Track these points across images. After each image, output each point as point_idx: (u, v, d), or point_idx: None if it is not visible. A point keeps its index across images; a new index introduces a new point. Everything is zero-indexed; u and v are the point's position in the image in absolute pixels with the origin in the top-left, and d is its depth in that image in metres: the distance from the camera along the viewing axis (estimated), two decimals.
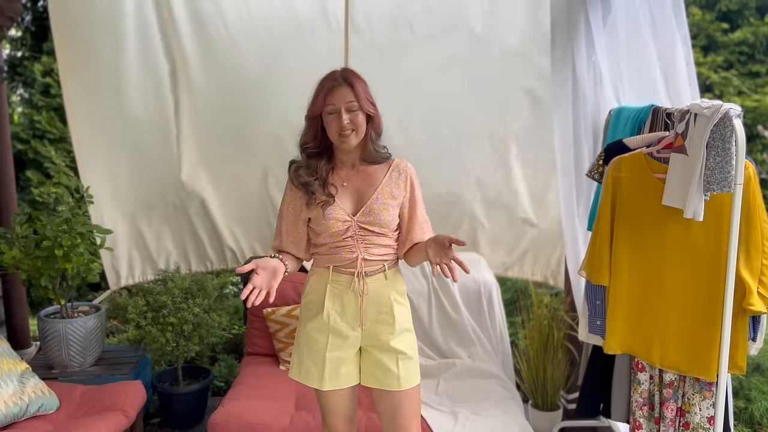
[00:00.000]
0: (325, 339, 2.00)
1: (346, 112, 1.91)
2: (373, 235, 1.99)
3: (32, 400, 2.48)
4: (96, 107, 3.38)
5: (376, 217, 1.97)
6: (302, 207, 2.01)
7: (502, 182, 3.57)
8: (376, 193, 1.99)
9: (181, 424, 3.26)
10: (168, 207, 3.61)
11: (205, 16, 3.27)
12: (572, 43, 2.67)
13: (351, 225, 1.97)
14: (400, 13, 3.29)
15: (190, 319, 3.06)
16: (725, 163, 1.77)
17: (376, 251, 2.00)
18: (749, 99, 6.87)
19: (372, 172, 2.03)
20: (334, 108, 1.92)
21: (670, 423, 2.05)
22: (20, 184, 5.50)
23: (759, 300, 1.90)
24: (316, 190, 1.98)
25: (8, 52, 6.09)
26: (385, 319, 2.00)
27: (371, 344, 2.02)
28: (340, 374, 2.02)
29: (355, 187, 2.01)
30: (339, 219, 1.96)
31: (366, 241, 1.98)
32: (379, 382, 2.02)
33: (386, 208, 1.99)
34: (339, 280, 2.00)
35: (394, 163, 2.05)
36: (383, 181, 2.01)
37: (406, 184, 2.03)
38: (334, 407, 2.08)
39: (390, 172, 2.03)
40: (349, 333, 2.00)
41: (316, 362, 2.01)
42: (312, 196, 1.98)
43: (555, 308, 3.19)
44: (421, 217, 2.07)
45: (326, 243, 2.00)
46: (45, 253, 2.80)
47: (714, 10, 7.80)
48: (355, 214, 1.98)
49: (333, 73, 1.98)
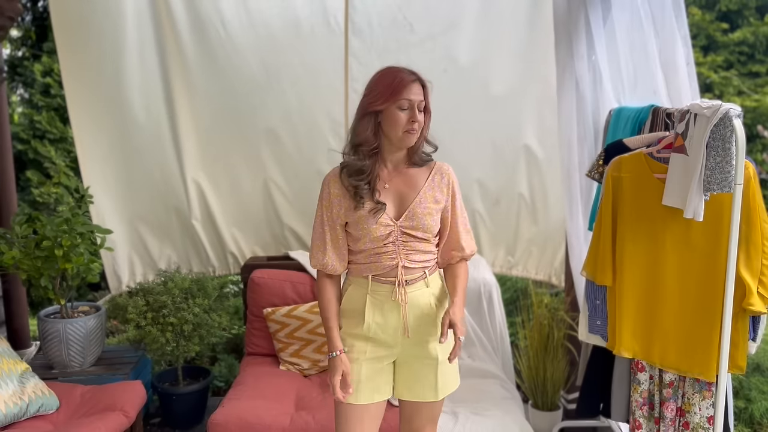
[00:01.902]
0: (364, 348, 1.92)
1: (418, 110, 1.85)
2: (415, 240, 1.91)
3: (32, 400, 2.47)
4: (97, 108, 3.38)
5: (419, 222, 1.89)
6: (341, 212, 1.91)
7: (504, 181, 3.57)
8: (419, 196, 1.91)
9: (181, 424, 3.26)
10: (169, 211, 3.60)
11: (205, 16, 3.26)
12: (572, 43, 2.67)
13: (393, 230, 1.89)
14: (400, 13, 3.29)
15: (190, 319, 3.06)
16: (725, 163, 1.77)
17: (417, 258, 1.92)
18: (749, 99, 6.86)
19: (414, 175, 1.94)
20: (410, 103, 1.84)
21: (670, 423, 2.05)
22: (20, 184, 5.49)
23: (759, 300, 1.90)
24: (365, 195, 1.87)
25: (8, 52, 6.08)
26: (427, 329, 1.93)
27: (412, 354, 1.94)
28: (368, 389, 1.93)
29: (396, 190, 1.92)
30: (382, 223, 1.87)
31: (407, 247, 1.90)
32: (415, 394, 1.96)
33: (429, 213, 1.91)
34: (379, 290, 1.91)
35: (436, 166, 1.97)
36: (426, 185, 1.93)
37: (448, 188, 1.96)
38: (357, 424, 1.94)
39: (432, 176, 1.95)
40: (390, 345, 1.93)
41: (352, 373, 1.91)
42: (360, 200, 1.87)
43: (555, 308, 3.19)
44: (462, 226, 1.99)
45: (365, 249, 1.90)
46: (45, 253, 2.80)
47: (714, 10, 7.80)
48: (397, 219, 1.90)
49: (401, 68, 1.88)
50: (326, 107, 3.47)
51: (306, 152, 3.54)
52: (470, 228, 2.04)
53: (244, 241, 3.72)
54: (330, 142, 3.49)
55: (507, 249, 3.73)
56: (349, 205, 1.89)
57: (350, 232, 1.93)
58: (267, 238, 3.72)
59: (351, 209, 1.89)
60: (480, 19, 3.29)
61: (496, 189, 3.60)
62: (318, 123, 3.50)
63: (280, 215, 3.65)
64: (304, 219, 3.63)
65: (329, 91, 3.44)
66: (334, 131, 3.49)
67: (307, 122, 3.48)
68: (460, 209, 1.99)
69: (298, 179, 3.57)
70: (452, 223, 1.98)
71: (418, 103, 1.85)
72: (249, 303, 3.18)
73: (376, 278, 1.92)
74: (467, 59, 3.36)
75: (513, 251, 3.72)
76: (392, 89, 1.83)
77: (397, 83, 1.83)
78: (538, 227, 3.62)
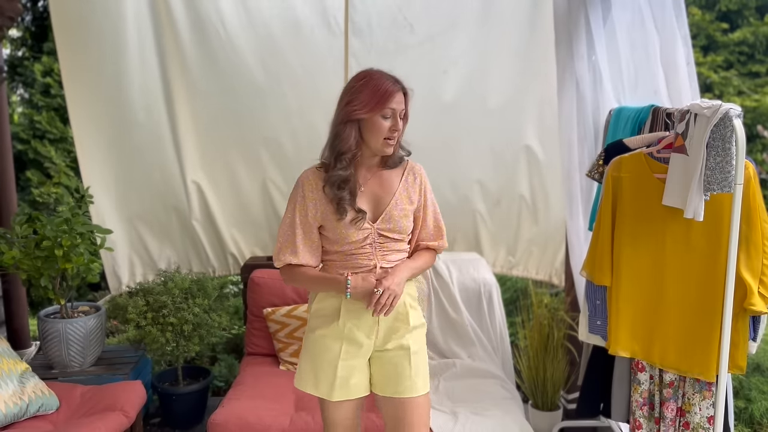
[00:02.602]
0: (339, 347, 1.91)
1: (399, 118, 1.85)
2: (391, 241, 1.92)
3: (32, 400, 2.47)
4: (97, 108, 3.38)
5: (396, 224, 1.90)
6: (317, 215, 1.90)
7: (504, 181, 3.57)
8: (394, 198, 1.92)
9: (181, 424, 3.26)
10: (169, 211, 3.60)
11: (205, 17, 3.26)
12: (572, 43, 2.67)
13: (370, 232, 1.89)
14: (400, 14, 3.29)
15: (190, 319, 3.06)
16: (725, 163, 1.77)
17: (393, 257, 1.93)
18: (749, 99, 6.86)
19: (388, 176, 1.94)
20: (393, 112, 1.83)
21: (670, 423, 2.05)
22: (20, 184, 5.49)
23: (760, 300, 1.90)
24: (347, 204, 1.85)
25: (8, 52, 6.09)
26: (400, 325, 1.94)
27: (383, 346, 1.94)
28: (350, 384, 1.93)
29: (372, 192, 1.92)
30: (359, 227, 1.87)
31: (384, 248, 1.91)
32: (391, 389, 1.95)
33: (405, 215, 1.92)
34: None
35: (408, 166, 1.98)
36: (400, 186, 1.94)
37: (420, 188, 1.97)
38: (338, 419, 1.99)
39: (406, 176, 1.96)
40: (364, 341, 1.92)
41: (327, 371, 1.92)
42: (343, 211, 1.85)
43: (555, 308, 3.19)
44: (431, 222, 2.00)
45: (342, 251, 1.90)
46: (45, 253, 2.80)
47: (714, 10, 7.79)
48: (374, 221, 1.90)
49: (386, 76, 1.86)
50: (326, 108, 3.45)
51: (305, 153, 3.51)
52: (443, 225, 2.04)
53: (244, 242, 3.72)
54: None
55: (508, 249, 3.73)
56: (326, 210, 1.88)
57: (324, 235, 1.92)
58: (267, 239, 3.72)
59: (329, 216, 1.88)
60: (480, 20, 3.29)
61: (497, 189, 3.60)
62: (317, 123, 3.49)
63: (279, 216, 3.65)
64: None
65: (329, 92, 3.41)
66: None
67: (307, 122, 3.48)
68: (432, 207, 2.01)
69: None
70: (423, 220, 1.99)
71: (400, 111, 1.86)
72: (249, 303, 3.18)
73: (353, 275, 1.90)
74: (467, 60, 3.36)
75: (514, 251, 3.72)
76: (377, 98, 1.82)
77: (383, 93, 1.82)
78: (539, 227, 3.62)
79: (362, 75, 1.88)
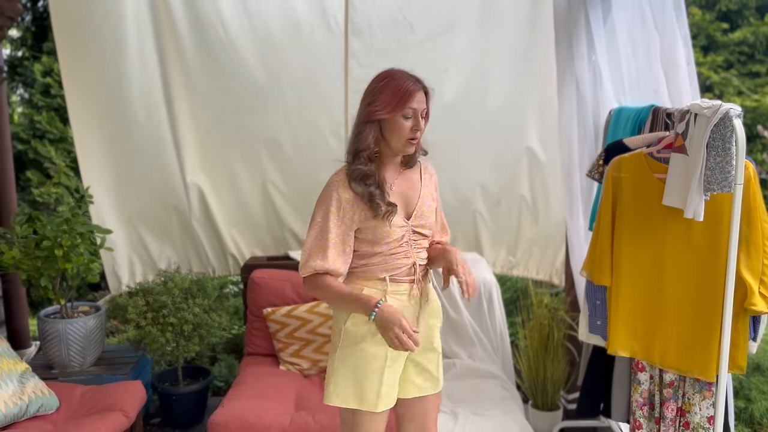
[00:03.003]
0: (384, 353, 1.87)
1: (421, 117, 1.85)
2: (422, 238, 1.95)
3: (32, 400, 2.47)
4: (97, 108, 3.38)
5: (426, 220, 1.94)
6: (355, 217, 1.85)
7: (504, 182, 3.57)
8: (421, 195, 1.95)
9: (181, 424, 3.26)
10: (169, 211, 3.60)
11: (205, 17, 3.26)
12: (572, 43, 2.67)
13: (407, 230, 1.91)
14: (400, 14, 3.29)
15: (190, 319, 3.06)
16: (725, 163, 1.77)
17: (423, 254, 1.97)
18: (749, 99, 6.86)
19: (410, 176, 1.97)
20: (414, 112, 1.83)
21: (671, 423, 2.05)
22: (20, 184, 5.50)
23: (761, 300, 1.90)
24: (378, 199, 1.84)
25: (8, 52, 6.09)
26: (435, 322, 2.00)
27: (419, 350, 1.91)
28: (392, 393, 1.90)
29: (401, 191, 1.93)
30: (397, 225, 1.88)
31: (417, 245, 1.94)
32: (419, 389, 1.98)
33: (432, 210, 1.97)
34: (398, 290, 1.90)
35: (422, 165, 2.02)
36: (422, 184, 1.98)
37: (435, 186, 2.04)
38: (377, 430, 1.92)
39: (424, 175, 2.00)
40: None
41: (373, 381, 1.86)
42: (377, 207, 1.83)
43: (555, 308, 3.19)
44: (441, 218, 2.09)
45: (381, 252, 1.88)
46: (45, 253, 2.80)
47: (714, 10, 7.80)
48: (408, 219, 1.92)
49: (407, 75, 1.85)
50: (326, 108, 3.47)
51: (306, 153, 3.54)
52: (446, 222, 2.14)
53: (244, 243, 3.72)
54: (330, 143, 3.49)
55: (508, 249, 3.73)
56: (363, 211, 1.85)
57: (363, 238, 1.89)
58: (267, 240, 3.72)
59: (366, 215, 1.85)
60: (480, 20, 3.29)
61: (498, 190, 3.60)
62: (318, 124, 3.50)
63: (279, 216, 3.66)
64: (305, 220, 3.62)
65: (329, 92, 3.43)
66: (334, 132, 3.49)
67: (307, 123, 3.48)
68: (440, 204, 2.08)
69: (298, 180, 3.56)
70: (438, 217, 2.05)
71: (421, 111, 1.85)
72: (249, 303, 3.18)
73: (393, 278, 1.90)
74: (467, 60, 3.36)
75: (514, 251, 3.72)
76: (399, 99, 1.80)
77: (404, 92, 1.80)
78: (539, 227, 3.62)
79: (383, 75, 1.87)
